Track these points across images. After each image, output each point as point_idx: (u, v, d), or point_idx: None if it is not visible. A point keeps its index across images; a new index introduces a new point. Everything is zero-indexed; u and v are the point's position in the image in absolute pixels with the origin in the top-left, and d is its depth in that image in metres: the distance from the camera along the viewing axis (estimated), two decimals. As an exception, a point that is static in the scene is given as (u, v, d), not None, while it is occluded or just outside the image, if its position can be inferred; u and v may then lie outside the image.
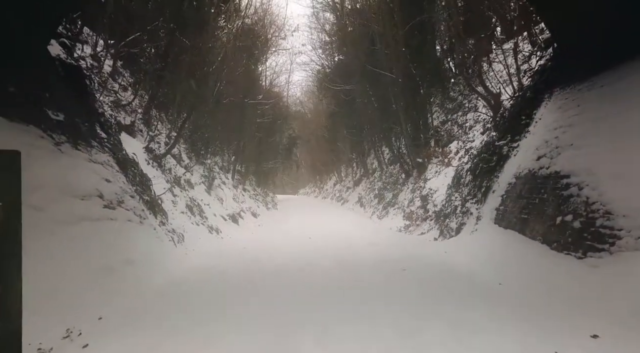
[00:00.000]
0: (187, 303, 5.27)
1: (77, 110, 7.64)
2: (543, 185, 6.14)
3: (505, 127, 8.69)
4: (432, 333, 3.74)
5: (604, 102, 5.72)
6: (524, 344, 3.35)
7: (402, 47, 16.89)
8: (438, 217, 10.65)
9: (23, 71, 6.48)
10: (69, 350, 3.75)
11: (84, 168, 6.64)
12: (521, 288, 5.08)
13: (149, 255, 7.21)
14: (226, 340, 3.91)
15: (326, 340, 3.80)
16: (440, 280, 5.95)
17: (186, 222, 11.30)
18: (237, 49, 21.85)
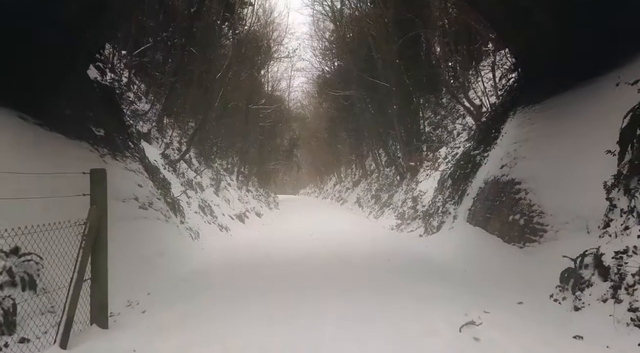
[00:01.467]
0: (212, 285, 6.59)
1: (112, 125, 8.98)
2: (502, 190, 7.47)
3: (479, 139, 10.03)
4: (399, 298, 5.10)
5: (550, 122, 7.04)
6: (465, 307, 4.65)
7: (397, 59, 18.22)
8: (424, 216, 11.98)
9: (72, 95, 7.81)
10: (133, 314, 5.07)
11: (122, 175, 7.97)
12: (477, 271, 6.41)
13: (174, 249, 8.54)
14: (247, 308, 5.21)
15: (321, 302, 5.13)
16: (416, 268, 7.29)
17: (199, 221, 12.61)
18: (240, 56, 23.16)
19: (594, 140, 5.14)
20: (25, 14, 6.34)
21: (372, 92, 22.67)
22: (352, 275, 6.85)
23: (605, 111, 5.20)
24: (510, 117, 8.92)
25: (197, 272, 7.65)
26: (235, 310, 5.06)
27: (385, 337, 3.95)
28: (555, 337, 3.89)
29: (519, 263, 5.87)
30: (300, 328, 4.28)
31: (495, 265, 6.36)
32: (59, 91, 7.33)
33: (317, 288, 5.96)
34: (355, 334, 4.07)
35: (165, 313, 5.08)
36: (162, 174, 11.03)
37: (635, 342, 3.51)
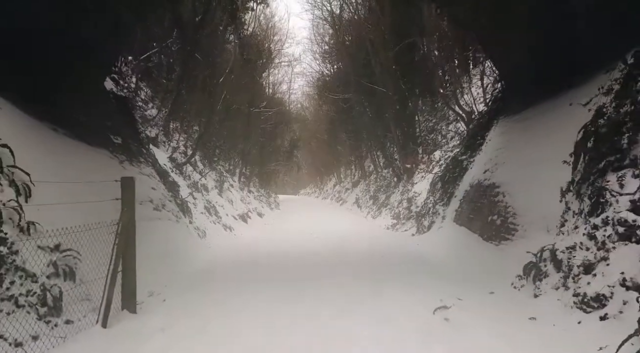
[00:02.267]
0: (221, 278, 7.35)
1: (127, 132, 9.75)
2: (484, 193, 8.22)
3: (467, 144, 10.79)
4: (388, 288, 5.87)
5: (526, 131, 7.80)
6: (442, 295, 5.39)
7: (393, 65, 18.99)
8: (417, 217, 12.74)
9: (93, 107, 8.58)
10: (155, 302, 5.83)
11: (138, 180, 8.68)
12: (459, 266, 7.18)
13: (185, 246, 9.30)
14: (255, 297, 5.96)
15: (320, 293, 5.89)
16: (406, 263, 8.06)
17: (205, 221, 13.37)
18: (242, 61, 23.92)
19: (556, 151, 5.90)
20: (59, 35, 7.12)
21: (370, 96, 23.43)
22: (348, 270, 7.60)
23: (566, 125, 5.95)
24: (494, 125, 9.68)
25: (207, 267, 8.41)
26: (243, 299, 5.82)
27: (372, 318, 4.70)
28: (514, 318, 4.64)
29: (494, 259, 6.62)
30: (302, 311, 5.05)
31: (474, 261, 7.12)
32: (82, 104, 8.09)
33: (317, 280, 6.72)
34: (348, 315, 4.84)
35: (183, 302, 5.83)
36: (172, 177, 11.78)
37: (576, 321, 4.26)
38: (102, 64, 8.99)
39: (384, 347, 3.96)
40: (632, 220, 4.25)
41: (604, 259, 4.38)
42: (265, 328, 4.62)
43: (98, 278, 5.31)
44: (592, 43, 6.11)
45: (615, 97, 5.15)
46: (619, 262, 4.20)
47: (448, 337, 4.09)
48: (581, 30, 6.32)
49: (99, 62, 8.80)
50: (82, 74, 8.26)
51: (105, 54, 8.99)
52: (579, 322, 4.24)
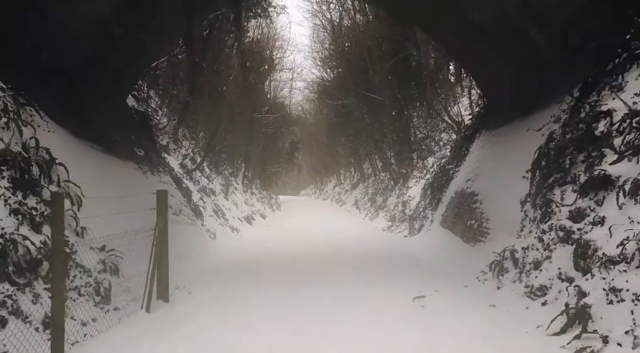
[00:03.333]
0: (234, 275, 8.43)
1: (148, 145, 10.85)
2: (466, 200, 9.32)
3: (453, 154, 11.89)
4: (380, 280, 6.98)
5: (500, 146, 8.89)
6: (423, 287, 6.47)
7: (389, 75, 20.10)
8: (410, 219, 13.84)
9: (119, 123, 9.68)
10: (182, 294, 6.91)
11: (159, 187, 9.81)
12: (441, 264, 8.29)
13: (200, 247, 10.39)
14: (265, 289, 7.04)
15: (321, 285, 6.98)
16: (397, 261, 9.16)
17: (214, 223, 14.46)
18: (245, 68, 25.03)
19: (520, 166, 7.00)
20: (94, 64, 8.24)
21: (368, 103, 24.53)
22: (346, 267, 8.70)
23: (528, 145, 7.05)
24: (477, 138, 10.77)
25: (221, 265, 9.51)
26: (257, 290, 6.91)
27: (362, 303, 5.81)
28: (478, 305, 5.73)
29: (470, 258, 7.71)
30: (306, 299, 6.16)
31: (454, 259, 8.22)
32: (112, 121, 9.19)
33: (318, 276, 7.82)
34: (345, 303, 5.93)
35: (205, 294, 6.92)
36: (185, 183, 12.88)
37: (525, 307, 5.35)
38: (126, 85, 10.09)
39: (370, 324, 5.06)
40: (569, 227, 5.34)
41: (547, 258, 5.48)
42: (277, 313, 5.70)
43: (135, 274, 6.42)
44: (550, 77, 7.20)
45: (562, 125, 6.26)
46: (558, 259, 5.30)
47: (421, 319, 5.19)
48: (543, 64, 7.42)
49: (124, 83, 9.90)
50: (111, 96, 9.38)
51: (130, 76, 10.09)
52: (526, 307, 5.34)
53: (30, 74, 6.98)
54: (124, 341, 4.67)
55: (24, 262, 4.76)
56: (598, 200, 5.12)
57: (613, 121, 5.39)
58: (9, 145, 5.55)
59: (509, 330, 4.86)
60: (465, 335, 4.77)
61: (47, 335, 4.53)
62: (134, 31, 9.00)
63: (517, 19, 7.54)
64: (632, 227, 4.47)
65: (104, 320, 5.36)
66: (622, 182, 4.86)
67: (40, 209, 5.48)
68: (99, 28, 8.20)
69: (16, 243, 4.69)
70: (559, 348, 4.25)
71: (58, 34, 7.47)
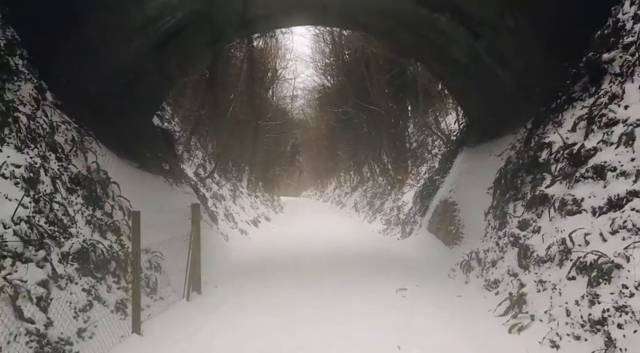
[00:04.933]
0: (250, 271, 9.95)
1: (172, 159, 12.37)
2: (448, 208, 10.83)
3: (440, 167, 13.41)
4: (372, 277, 8.51)
5: (476, 162, 10.40)
6: (407, 282, 7.98)
7: (386, 88, 21.64)
8: (403, 223, 15.36)
9: (148, 141, 11.20)
10: (210, 288, 8.42)
11: (184, 198, 11.34)
12: (425, 263, 9.81)
13: (217, 247, 11.90)
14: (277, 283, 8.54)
15: (322, 280, 8.49)
16: (388, 260, 10.68)
17: (226, 227, 15.97)
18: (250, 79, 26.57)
19: (488, 182, 8.51)
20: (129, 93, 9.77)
21: (366, 112, 26.06)
22: (343, 265, 10.23)
23: (495, 164, 8.56)
24: (460, 152, 12.29)
25: (237, 264, 11.04)
26: (271, 284, 8.43)
27: (355, 294, 7.34)
28: (449, 295, 7.26)
29: (447, 258, 9.23)
30: (308, 291, 7.68)
31: (436, 260, 9.74)
32: (143, 140, 10.72)
33: (320, 273, 9.35)
34: (341, 294, 7.45)
35: (227, 287, 8.44)
36: (201, 191, 14.40)
37: (483, 296, 6.87)
38: (153, 108, 11.62)
39: (361, 308, 6.58)
40: (517, 234, 6.86)
41: (501, 258, 7.00)
42: (285, 302, 7.20)
43: (173, 271, 7.94)
44: (512, 109, 8.72)
45: (517, 151, 7.78)
46: (508, 259, 6.82)
47: (401, 304, 6.73)
48: (507, 98, 8.94)
49: (152, 107, 11.43)
50: (141, 118, 10.91)
51: (156, 100, 11.62)
52: (484, 297, 6.86)
53: (83, 107, 8.50)
54: (176, 321, 6.21)
55: (99, 261, 6.28)
56: (538, 214, 6.64)
57: (552, 151, 6.91)
58: (79, 170, 7.08)
59: (468, 313, 6.40)
60: (434, 316, 6.30)
61: (119, 315, 6.07)
62: (162, 64, 10.53)
63: (487, 58, 9.06)
64: (557, 235, 5.98)
65: (156, 306, 6.89)
66: (554, 200, 6.38)
67: (105, 220, 7.02)
68: (135, 64, 9.74)
69: (95, 247, 6.22)
70: (500, 325, 5.77)
71: (104, 71, 9.01)
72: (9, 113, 6.12)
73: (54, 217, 5.90)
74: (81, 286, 5.74)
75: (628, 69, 6.29)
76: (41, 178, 6.03)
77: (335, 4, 10.13)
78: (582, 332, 4.72)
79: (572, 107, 7.08)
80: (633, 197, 5.20)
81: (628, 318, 4.27)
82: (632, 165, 5.43)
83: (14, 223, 5.15)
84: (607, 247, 5.06)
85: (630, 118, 5.83)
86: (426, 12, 9.02)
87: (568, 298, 5.18)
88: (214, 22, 9.95)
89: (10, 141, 5.92)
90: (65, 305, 5.28)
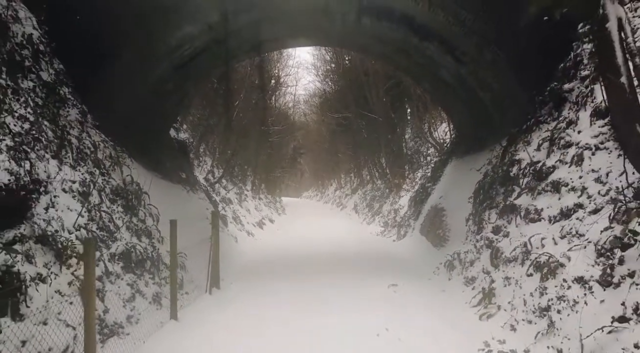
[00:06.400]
0: (260, 270, 11.15)
1: (187, 168, 13.57)
2: (437, 214, 12.02)
3: (431, 175, 14.61)
4: (368, 275, 9.70)
5: (463, 171, 11.59)
6: (399, 279, 9.16)
7: (384, 98, 22.85)
8: (398, 226, 16.55)
9: (167, 152, 12.40)
10: (226, 284, 9.62)
11: (199, 203, 12.56)
12: (416, 263, 11.01)
13: (229, 249, 13.09)
14: (283, 279, 9.72)
15: (322, 276, 9.68)
16: (384, 260, 11.88)
17: (234, 229, 17.17)
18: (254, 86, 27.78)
19: (470, 192, 9.71)
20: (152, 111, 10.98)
21: (365, 119, 27.27)
22: (342, 264, 11.43)
23: (476, 176, 9.75)
24: (449, 162, 13.48)
25: (247, 263, 12.25)
26: (275, 281, 9.63)
27: (352, 289, 8.53)
28: (434, 290, 8.46)
29: (435, 258, 10.41)
30: (311, 287, 8.88)
31: (425, 259, 10.94)
32: (164, 152, 11.93)
33: (320, 271, 10.55)
34: (339, 287, 8.66)
35: (241, 284, 9.65)
36: (213, 196, 15.60)
37: (462, 291, 8.06)
38: (171, 121, 12.83)
39: (357, 300, 7.79)
40: (491, 238, 8.06)
41: (477, 258, 8.20)
42: (291, 295, 8.39)
43: (194, 270, 9.13)
44: (491, 127, 9.93)
45: (493, 167, 8.98)
46: (483, 260, 8.02)
47: (392, 297, 7.93)
48: (488, 117, 10.14)
49: (170, 120, 12.64)
50: (162, 131, 12.12)
51: (174, 114, 12.83)
52: (463, 291, 8.06)
53: (116, 125, 9.70)
54: (203, 310, 7.42)
55: (137, 261, 7.49)
56: (508, 220, 7.84)
57: (521, 167, 8.12)
58: (118, 183, 8.29)
59: (449, 304, 7.60)
60: (419, 307, 7.50)
61: (155, 306, 7.27)
62: (180, 83, 11.74)
63: (470, 82, 10.26)
64: (521, 239, 7.17)
65: (184, 299, 8.08)
66: (520, 210, 7.58)
67: (139, 225, 8.23)
68: (157, 85, 10.95)
69: (134, 248, 7.42)
70: (473, 314, 6.97)
71: (133, 93, 10.22)
72: (64, 136, 7.33)
73: (103, 224, 7.12)
74: (126, 281, 6.95)
75: (582, 98, 7.50)
76: (91, 191, 7.23)
77: (336, 31, 11.32)
78: (533, 317, 5.92)
79: (539, 129, 8.28)
80: (578, 209, 6.41)
81: (565, 305, 5.47)
82: (579, 182, 6.64)
83: (75, 230, 6.36)
84: (556, 249, 6.26)
85: (581, 141, 7.03)
86: (417, 41, 10.21)
87: (526, 291, 6.38)
88: (227, 47, 11.15)
89: (67, 160, 7.13)
90: (116, 297, 6.49)
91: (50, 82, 7.77)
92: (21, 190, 5.54)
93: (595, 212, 6.05)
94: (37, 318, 5.03)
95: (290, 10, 10.09)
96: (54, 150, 6.94)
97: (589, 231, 5.87)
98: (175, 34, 9.54)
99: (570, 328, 5.16)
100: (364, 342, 5.98)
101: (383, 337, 6.16)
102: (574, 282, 5.57)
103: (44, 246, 5.68)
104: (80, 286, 5.84)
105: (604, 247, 5.38)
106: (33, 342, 4.83)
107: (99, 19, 8.37)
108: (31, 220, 5.69)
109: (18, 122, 6.35)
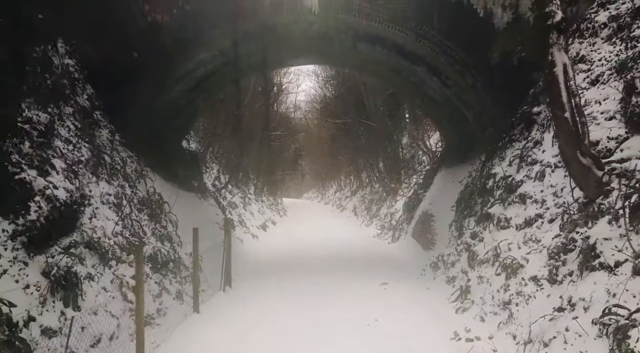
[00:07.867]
0: (267, 270, 12.32)
1: (198, 176, 14.74)
2: (427, 219, 13.19)
3: (423, 182, 15.78)
4: (361, 273, 10.86)
5: (449, 181, 12.77)
6: (390, 278, 10.33)
7: (381, 106, 24.04)
8: (394, 229, 17.73)
9: (180, 162, 13.58)
10: (238, 283, 10.80)
11: (209, 209, 13.74)
12: (407, 263, 12.18)
13: (238, 251, 14.26)
14: (289, 276, 10.88)
15: (322, 274, 10.85)
16: (378, 261, 13.06)
17: (240, 232, 18.34)
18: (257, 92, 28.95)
19: (453, 200, 10.88)
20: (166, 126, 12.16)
21: (363, 125, 28.45)
22: (340, 264, 12.61)
23: (459, 186, 10.93)
24: (439, 171, 14.65)
25: (255, 264, 13.42)
26: (281, 280, 10.80)
27: (347, 286, 9.70)
28: (420, 288, 9.63)
29: (424, 260, 11.59)
30: (312, 284, 10.05)
31: (415, 260, 12.12)
32: (178, 163, 13.12)
33: (320, 270, 11.72)
34: (337, 285, 9.82)
35: (251, 282, 10.81)
36: (222, 202, 16.79)
37: (444, 289, 9.22)
38: (183, 134, 14.03)
39: (351, 295, 8.96)
40: (469, 242, 9.23)
41: (458, 260, 9.38)
42: (296, 292, 9.55)
43: (209, 270, 10.30)
44: (473, 143, 11.10)
45: (472, 179, 10.15)
46: (462, 261, 9.19)
47: (383, 294, 9.11)
48: (471, 133, 11.33)
49: (182, 133, 13.84)
50: (176, 144, 13.31)
51: (186, 128, 14.02)
52: (444, 289, 9.23)
53: (139, 142, 10.86)
54: (220, 305, 8.61)
55: (162, 262, 8.66)
56: (483, 227, 9.01)
57: (495, 180, 9.29)
58: (143, 194, 9.47)
59: (432, 300, 8.78)
60: (406, 300, 8.68)
61: (178, 302, 8.45)
62: (192, 100, 12.93)
63: (455, 101, 11.44)
64: (493, 244, 8.33)
65: (201, 296, 9.25)
66: (493, 218, 8.75)
67: (162, 231, 9.41)
68: (173, 103, 12.14)
69: (160, 252, 8.60)
70: (452, 308, 8.14)
71: (153, 111, 11.41)
72: (100, 155, 8.51)
73: (134, 231, 8.29)
74: (154, 280, 8.12)
75: (547, 122, 8.66)
76: (123, 202, 8.41)
77: (334, 53, 12.51)
78: (498, 310, 7.09)
79: (512, 146, 9.46)
80: (539, 218, 7.58)
81: (521, 299, 6.64)
82: (540, 195, 7.81)
83: (113, 236, 7.54)
84: (519, 252, 7.43)
85: (544, 160, 8.20)
86: (408, 64, 11.39)
87: (494, 288, 7.55)
88: (235, 68, 12.34)
89: (103, 176, 8.31)
90: (147, 293, 7.65)
91: (86, 107, 8.96)
92: (73, 204, 6.72)
93: (551, 221, 7.23)
94: (90, 309, 6.21)
95: (293, 37, 11.27)
96: (92, 167, 8.11)
97: (544, 237, 7.05)
98: (191, 60, 10.72)
99: (523, 317, 6.33)
100: (356, 331, 7.16)
101: (372, 326, 7.34)
102: (530, 280, 6.75)
103: (91, 250, 6.86)
104: (120, 283, 7.02)
105: (553, 251, 6.55)
106: (89, 328, 6.01)
107: (126, 51, 9.55)
108: (80, 229, 6.86)
109: (65, 145, 7.53)
